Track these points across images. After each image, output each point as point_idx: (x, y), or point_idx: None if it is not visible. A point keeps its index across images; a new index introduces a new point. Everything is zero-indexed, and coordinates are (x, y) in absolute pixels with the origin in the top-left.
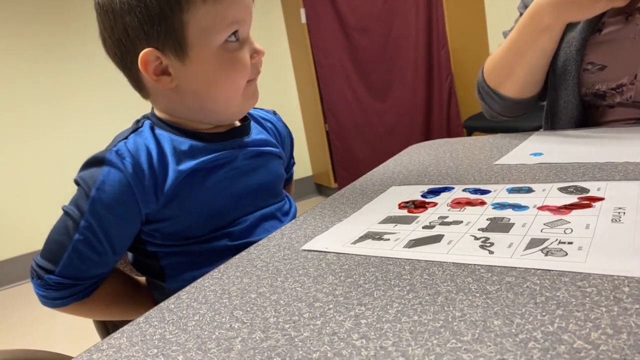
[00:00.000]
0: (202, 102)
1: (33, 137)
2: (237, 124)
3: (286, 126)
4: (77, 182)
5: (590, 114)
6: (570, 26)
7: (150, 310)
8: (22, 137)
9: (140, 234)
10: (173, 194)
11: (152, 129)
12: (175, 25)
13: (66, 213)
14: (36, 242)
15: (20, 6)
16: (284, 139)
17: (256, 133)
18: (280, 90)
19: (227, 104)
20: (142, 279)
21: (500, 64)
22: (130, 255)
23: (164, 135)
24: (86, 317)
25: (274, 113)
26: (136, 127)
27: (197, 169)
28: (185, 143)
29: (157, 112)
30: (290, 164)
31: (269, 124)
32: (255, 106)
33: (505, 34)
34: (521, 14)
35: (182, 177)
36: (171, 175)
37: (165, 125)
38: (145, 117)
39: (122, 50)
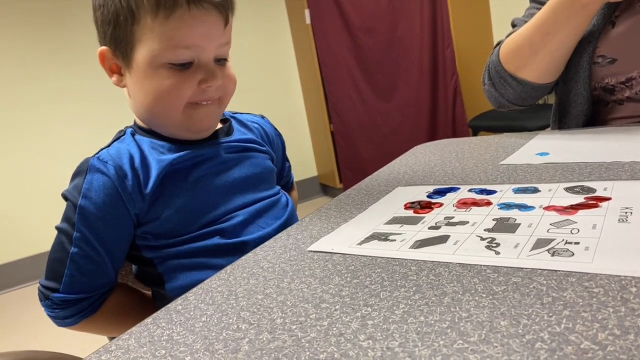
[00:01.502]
0: (144, 113)
1: (35, 140)
2: (219, 125)
3: (275, 128)
4: (64, 197)
5: (599, 111)
6: None
7: (158, 312)
8: (24, 141)
9: (135, 240)
10: (157, 191)
11: (132, 135)
12: (126, 33)
13: (59, 230)
14: (43, 244)
15: (21, 12)
16: (273, 139)
17: (239, 134)
18: (285, 91)
19: (165, 122)
20: (150, 292)
21: (524, 44)
22: (133, 267)
23: (144, 140)
24: (99, 333)
25: (262, 117)
26: (119, 136)
27: (178, 167)
28: (164, 146)
29: (137, 120)
30: (285, 166)
31: (255, 125)
32: (248, 110)
33: (514, 22)
34: (533, 7)
35: (164, 173)
36: (153, 173)
37: (144, 132)
38: (128, 127)
39: (98, 40)
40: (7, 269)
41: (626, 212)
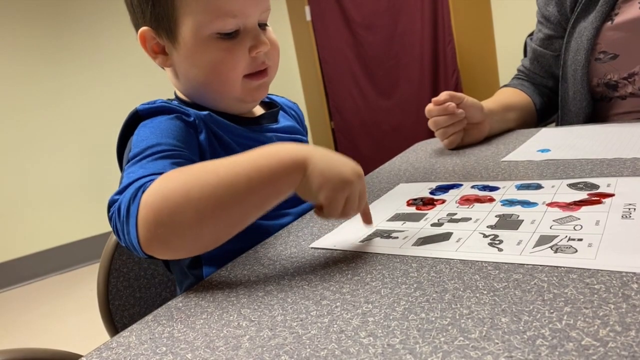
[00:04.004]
0: (197, 88)
1: (36, 139)
2: (261, 110)
3: (304, 117)
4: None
5: (602, 107)
6: (582, 16)
7: (159, 309)
8: (25, 139)
9: None
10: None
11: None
12: (168, 9)
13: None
14: (44, 242)
15: (23, 11)
16: (305, 128)
17: (283, 120)
18: (285, 88)
19: (222, 95)
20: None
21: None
22: None
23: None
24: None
25: (293, 102)
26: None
27: (233, 144)
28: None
29: (179, 95)
30: None
31: (292, 112)
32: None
33: (528, 43)
34: (539, 21)
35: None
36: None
37: (191, 105)
38: (168, 99)
39: (133, 23)
40: (8, 267)
41: (630, 209)
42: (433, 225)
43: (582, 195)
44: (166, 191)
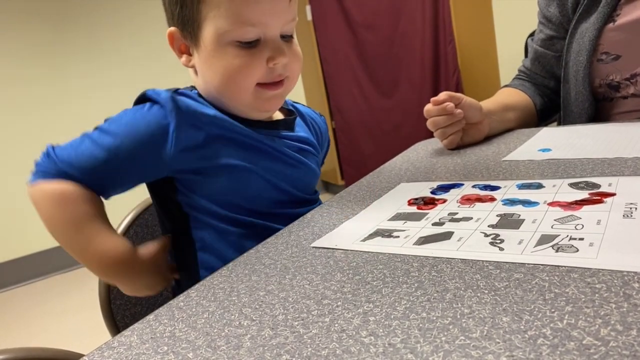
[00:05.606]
0: (212, 90)
1: (38, 139)
2: (281, 116)
3: (327, 130)
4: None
5: (604, 107)
6: (583, 17)
7: (160, 308)
8: (27, 140)
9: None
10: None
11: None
12: (193, 12)
13: None
14: (47, 241)
15: (25, 14)
16: (323, 142)
17: (300, 130)
18: None
19: (234, 101)
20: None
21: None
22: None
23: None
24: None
25: (320, 115)
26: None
27: (238, 143)
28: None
29: (199, 91)
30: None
31: (313, 124)
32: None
33: (529, 44)
34: (540, 22)
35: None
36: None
37: (208, 103)
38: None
39: (167, 22)
40: (10, 266)
41: (631, 208)
42: (434, 224)
43: (584, 194)
44: (48, 205)
